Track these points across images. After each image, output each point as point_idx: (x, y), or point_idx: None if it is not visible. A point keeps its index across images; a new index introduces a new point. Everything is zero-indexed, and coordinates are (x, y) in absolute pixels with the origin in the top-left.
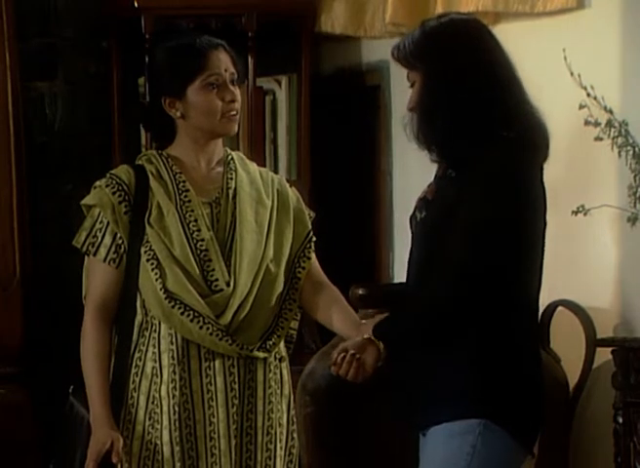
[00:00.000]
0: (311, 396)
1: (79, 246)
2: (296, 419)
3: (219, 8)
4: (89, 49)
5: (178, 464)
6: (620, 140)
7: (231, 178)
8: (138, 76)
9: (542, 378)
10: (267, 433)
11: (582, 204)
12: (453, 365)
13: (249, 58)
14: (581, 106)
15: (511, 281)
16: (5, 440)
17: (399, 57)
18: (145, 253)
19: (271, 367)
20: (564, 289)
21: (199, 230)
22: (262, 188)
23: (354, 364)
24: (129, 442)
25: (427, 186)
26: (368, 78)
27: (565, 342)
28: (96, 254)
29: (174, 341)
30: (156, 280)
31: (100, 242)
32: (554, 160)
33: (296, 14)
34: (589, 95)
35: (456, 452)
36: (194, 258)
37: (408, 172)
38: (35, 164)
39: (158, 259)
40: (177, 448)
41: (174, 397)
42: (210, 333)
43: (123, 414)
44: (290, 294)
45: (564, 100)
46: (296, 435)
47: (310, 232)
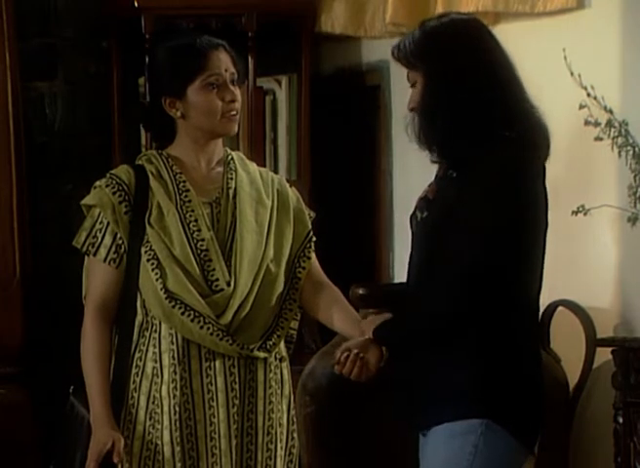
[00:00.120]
0: (311, 396)
1: (79, 246)
2: (296, 419)
3: (219, 8)
4: (89, 49)
5: (178, 464)
6: (620, 140)
7: (231, 178)
8: (138, 76)
9: (543, 378)
10: (268, 433)
11: (582, 204)
12: (453, 364)
13: (249, 58)
14: (581, 106)
15: (512, 281)
16: (5, 440)
17: (399, 56)
18: (146, 253)
19: (272, 367)
20: (564, 289)
21: (199, 230)
22: (262, 188)
23: (358, 363)
24: (129, 442)
25: (428, 186)
26: (368, 78)
27: (565, 342)
28: (96, 255)
29: (174, 341)
30: (156, 280)
31: (101, 242)
32: (554, 160)
33: (296, 14)
34: (589, 95)
35: (457, 452)
36: (194, 258)
37: (408, 172)
38: (35, 164)
39: (158, 259)
40: (177, 449)
41: (174, 397)
42: (210, 333)
43: (123, 414)
44: (290, 294)
45: (564, 100)
46: (296, 435)
47: (310, 232)
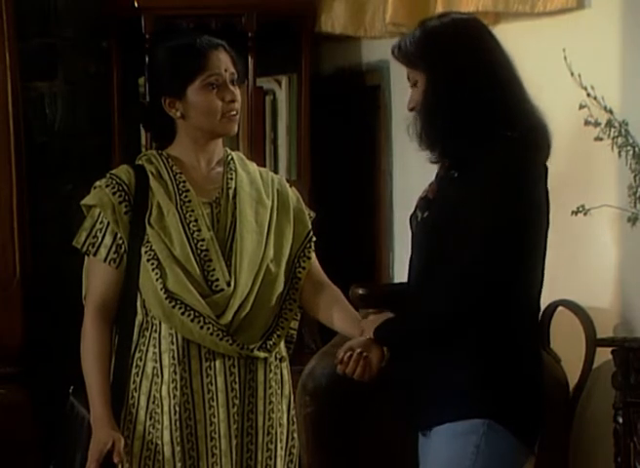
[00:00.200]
0: (311, 396)
1: (79, 246)
2: (296, 419)
3: (219, 8)
4: (89, 49)
5: (178, 464)
6: (620, 140)
7: (231, 178)
8: (138, 76)
9: (543, 378)
10: (268, 433)
11: (582, 204)
12: (454, 364)
13: (249, 58)
14: (581, 106)
15: (512, 281)
16: (5, 440)
17: (399, 55)
18: (146, 253)
19: (272, 367)
20: (564, 289)
21: (199, 230)
22: (262, 188)
23: (361, 362)
24: (130, 442)
25: (428, 185)
26: (368, 78)
27: (565, 342)
28: (96, 255)
29: (174, 341)
30: (157, 280)
31: (101, 242)
32: (554, 160)
33: (296, 14)
34: (589, 95)
35: (459, 452)
36: (195, 258)
37: (408, 172)
38: (35, 164)
39: (158, 259)
40: (177, 448)
41: (174, 397)
42: (210, 333)
43: (124, 414)
44: (290, 294)
45: (564, 100)
46: (296, 435)
47: (310, 232)
